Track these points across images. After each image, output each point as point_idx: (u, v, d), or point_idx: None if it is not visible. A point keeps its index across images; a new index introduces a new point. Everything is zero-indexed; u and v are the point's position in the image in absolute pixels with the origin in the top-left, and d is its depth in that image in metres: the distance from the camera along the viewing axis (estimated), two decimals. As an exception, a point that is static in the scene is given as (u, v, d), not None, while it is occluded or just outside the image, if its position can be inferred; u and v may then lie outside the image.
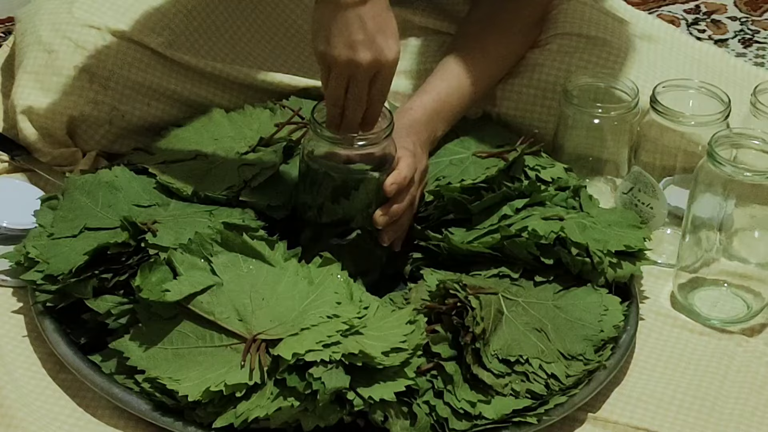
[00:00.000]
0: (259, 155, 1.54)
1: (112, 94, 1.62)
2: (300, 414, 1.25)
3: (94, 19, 1.63)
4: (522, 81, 1.66)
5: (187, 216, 1.44)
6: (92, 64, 1.61)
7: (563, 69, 1.64)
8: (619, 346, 1.39)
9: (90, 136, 1.64)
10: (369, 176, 1.40)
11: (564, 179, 1.54)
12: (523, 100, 1.66)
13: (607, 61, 1.66)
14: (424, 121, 1.52)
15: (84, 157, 1.64)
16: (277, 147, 1.55)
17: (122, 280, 1.37)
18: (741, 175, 1.41)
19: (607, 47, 1.67)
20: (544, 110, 1.66)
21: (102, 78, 1.62)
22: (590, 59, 1.65)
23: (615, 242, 1.46)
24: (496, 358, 1.32)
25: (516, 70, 1.66)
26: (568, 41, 1.67)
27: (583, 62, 1.65)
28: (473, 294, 1.35)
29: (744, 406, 1.38)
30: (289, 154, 1.55)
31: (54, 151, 1.62)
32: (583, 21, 1.69)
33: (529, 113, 1.66)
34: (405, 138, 1.46)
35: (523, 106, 1.66)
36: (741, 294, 1.50)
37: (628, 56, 1.68)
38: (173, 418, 1.27)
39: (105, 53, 1.62)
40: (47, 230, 1.44)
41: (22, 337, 1.39)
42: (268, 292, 1.34)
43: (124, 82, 1.63)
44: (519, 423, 1.29)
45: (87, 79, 1.61)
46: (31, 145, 1.62)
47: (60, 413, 1.31)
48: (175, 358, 1.29)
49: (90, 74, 1.61)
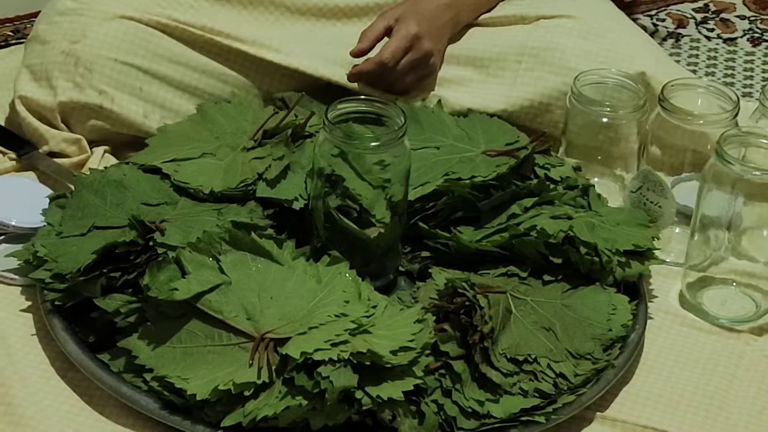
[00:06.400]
0: (267, 147, 1.54)
1: (98, 77, 1.62)
2: (308, 413, 1.25)
3: (83, 5, 1.64)
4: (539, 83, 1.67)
5: (196, 215, 1.44)
6: (77, 48, 1.62)
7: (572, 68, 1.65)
8: (627, 345, 1.39)
9: (82, 123, 1.64)
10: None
11: (573, 178, 1.54)
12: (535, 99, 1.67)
13: (617, 53, 1.66)
14: (439, 10, 1.56)
15: (92, 150, 1.64)
16: (282, 137, 1.54)
17: (131, 278, 1.37)
18: (750, 174, 1.41)
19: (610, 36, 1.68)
20: (560, 111, 1.66)
21: (87, 61, 1.62)
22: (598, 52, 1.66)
23: (623, 241, 1.46)
24: (504, 357, 1.32)
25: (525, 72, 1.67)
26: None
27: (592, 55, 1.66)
28: (481, 293, 1.35)
29: (752, 406, 1.38)
30: (294, 140, 1.55)
31: (57, 137, 1.62)
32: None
33: (548, 112, 1.67)
34: (411, 22, 1.54)
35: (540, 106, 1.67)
36: (750, 293, 1.50)
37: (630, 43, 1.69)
38: (181, 416, 1.27)
39: (92, 36, 1.62)
40: (56, 229, 1.44)
41: (31, 336, 1.40)
42: (276, 290, 1.34)
43: (112, 65, 1.62)
44: (527, 422, 1.29)
45: (72, 63, 1.62)
46: (33, 134, 1.63)
47: (69, 412, 1.31)
48: (184, 357, 1.30)
49: (75, 58, 1.62)
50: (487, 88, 1.68)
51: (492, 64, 1.69)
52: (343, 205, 1.41)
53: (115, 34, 1.63)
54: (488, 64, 1.69)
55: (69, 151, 1.63)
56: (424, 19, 1.58)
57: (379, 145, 1.39)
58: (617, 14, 1.74)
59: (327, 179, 1.41)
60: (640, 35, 1.74)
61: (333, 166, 1.40)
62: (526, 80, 1.66)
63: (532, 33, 1.68)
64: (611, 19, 1.71)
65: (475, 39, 1.71)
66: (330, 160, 1.40)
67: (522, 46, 1.68)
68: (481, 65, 1.69)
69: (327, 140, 1.39)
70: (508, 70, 1.68)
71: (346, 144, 1.39)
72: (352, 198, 1.41)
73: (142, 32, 1.64)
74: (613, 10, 1.74)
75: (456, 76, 1.69)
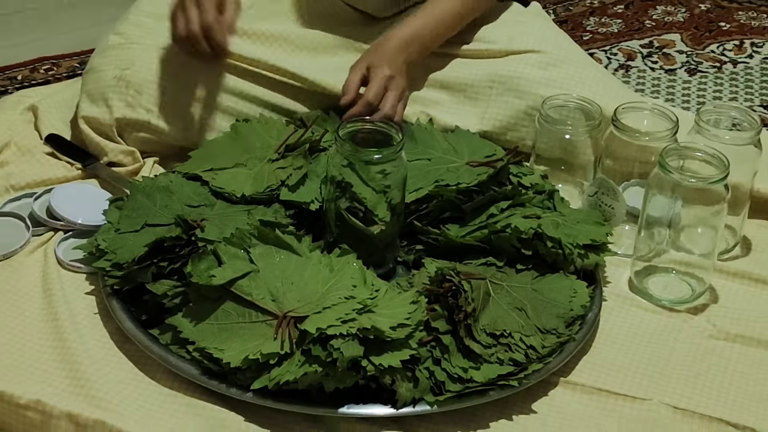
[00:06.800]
0: (289, 159, 1.53)
1: (146, 98, 1.61)
2: (322, 378, 1.24)
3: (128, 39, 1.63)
4: (507, 105, 1.66)
5: (230, 214, 1.44)
6: (127, 74, 1.61)
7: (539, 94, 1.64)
8: (586, 322, 1.39)
9: (134, 136, 1.63)
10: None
11: (541, 184, 1.54)
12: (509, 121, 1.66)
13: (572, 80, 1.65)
14: (400, 48, 1.58)
15: (144, 161, 1.63)
16: (301, 150, 1.54)
17: (176, 267, 1.37)
18: (687, 181, 1.41)
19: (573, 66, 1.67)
20: (525, 128, 1.65)
21: (136, 84, 1.61)
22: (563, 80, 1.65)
23: (583, 236, 1.45)
24: (484, 332, 1.32)
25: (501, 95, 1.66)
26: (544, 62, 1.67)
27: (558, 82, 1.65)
28: (465, 279, 1.35)
29: (689, 372, 1.37)
30: (311, 153, 1.54)
31: (115, 149, 1.62)
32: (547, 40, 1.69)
33: (514, 130, 1.66)
34: (381, 66, 1.54)
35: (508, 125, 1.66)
36: (687, 279, 1.49)
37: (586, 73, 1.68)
38: (218, 381, 1.27)
39: (139, 63, 1.62)
40: (114, 226, 1.44)
41: (94, 315, 1.39)
42: (296, 277, 1.34)
43: (156, 87, 1.62)
44: (503, 386, 1.29)
45: (124, 86, 1.61)
46: (95, 148, 1.63)
47: (125, 377, 1.30)
48: (220, 332, 1.29)
49: (126, 82, 1.61)
50: (465, 109, 1.67)
51: (468, 89, 1.68)
52: (351, 206, 1.41)
53: (158, 62, 1.62)
54: (465, 88, 1.68)
55: (125, 162, 1.63)
56: (390, 60, 1.58)
57: (380, 158, 1.38)
58: (575, 49, 1.73)
59: (338, 185, 1.40)
60: (594, 66, 1.73)
61: (343, 174, 1.39)
62: (497, 103, 1.66)
63: (502, 64, 1.68)
64: (569, 53, 1.70)
65: (456, 68, 1.71)
66: (340, 170, 1.39)
67: (494, 74, 1.67)
68: (460, 89, 1.69)
69: (338, 153, 1.39)
70: (481, 94, 1.67)
71: (353, 156, 1.38)
72: (359, 201, 1.40)
73: (181, 60, 1.63)
74: (571, 45, 1.73)
75: (440, 99, 1.69)
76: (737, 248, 1.57)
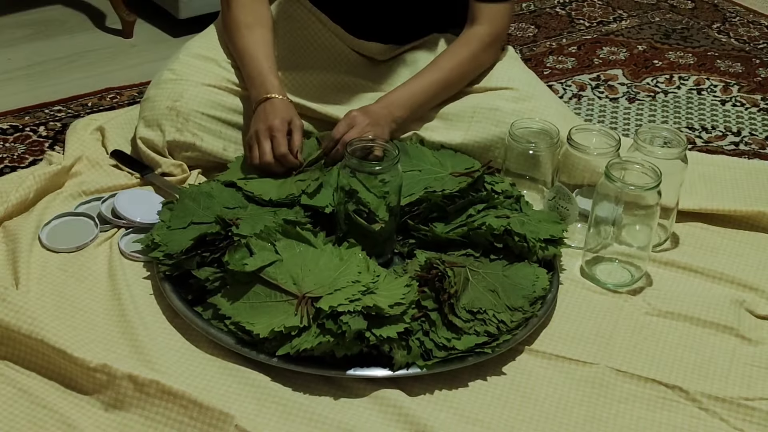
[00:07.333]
0: (308, 171, 1.53)
1: (192, 125, 1.61)
2: (334, 346, 1.25)
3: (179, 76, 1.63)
4: (484, 131, 1.66)
5: (260, 215, 1.44)
6: (177, 104, 1.61)
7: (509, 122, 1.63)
8: (546, 301, 1.39)
9: (182, 155, 1.63)
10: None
11: (509, 191, 1.54)
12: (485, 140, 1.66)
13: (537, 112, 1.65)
14: (383, 107, 1.57)
15: (190, 172, 1.63)
16: (318, 165, 1.54)
17: (216, 257, 1.37)
18: (627, 189, 1.41)
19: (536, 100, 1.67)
20: (498, 149, 1.65)
21: (184, 113, 1.61)
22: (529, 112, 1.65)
23: (543, 232, 1.45)
24: (464, 309, 1.32)
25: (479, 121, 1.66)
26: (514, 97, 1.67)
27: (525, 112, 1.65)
28: (449, 267, 1.35)
29: (629, 342, 1.38)
30: (326, 167, 1.54)
31: (167, 162, 1.62)
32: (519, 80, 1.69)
33: (489, 150, 1.66)
34: (362, 118, 1.53)
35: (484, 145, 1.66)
36: (627, 267, 1.50)
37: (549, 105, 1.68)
38: (249, 348, 1.28)
39: (187, 97, 1.62)
40: (166, 224, 1.44)
41: (149, 295, 1.39)
42: (312, 265, 1.34)
43: (200, 116, 1.61)
44: (479, 353, 1.29)
45: (174, 115, 1.61)
46: (151, 161, 1.63)
47: (174, 346, 1.31)
48: (251, 309, 1.30)
49: (176, 111, 1.61)
50: (451, 133, 1.67)
51: (454, 117, 1.67)
52: (357, 209, 1.41)
53: (203, 95, 1.62)
54: (452, 117, 1.68)
55: (175, 173, 1.62)
56: (372, 117, 1.55)
57: (380, 169, 1.39)
58: (539, 84, 1.73)
59: (346, 192, 1.40)
60: (554, 98, 1.73)
61: (350, 183, 1.39)
62: (476, 129, 1.65)
63: (482, 98, 1.67)
64: (534, 89, 1.69)
65: (446, 101, 1.70)
66: (349, 180, 1.39)
67: (474, 106, 1.66)
68: (447, 118, 1.68)
69: (347, 166, 1.39)
70: (464, 121, 1.66)
71: (359, 169, 1.39)
72: (363, 204, 1.40)
73: (220, 95, 1.63)
74: (537, 82, 1.73)
75: (431, 125, 1.68)
76: (668, 242, 1.58)
